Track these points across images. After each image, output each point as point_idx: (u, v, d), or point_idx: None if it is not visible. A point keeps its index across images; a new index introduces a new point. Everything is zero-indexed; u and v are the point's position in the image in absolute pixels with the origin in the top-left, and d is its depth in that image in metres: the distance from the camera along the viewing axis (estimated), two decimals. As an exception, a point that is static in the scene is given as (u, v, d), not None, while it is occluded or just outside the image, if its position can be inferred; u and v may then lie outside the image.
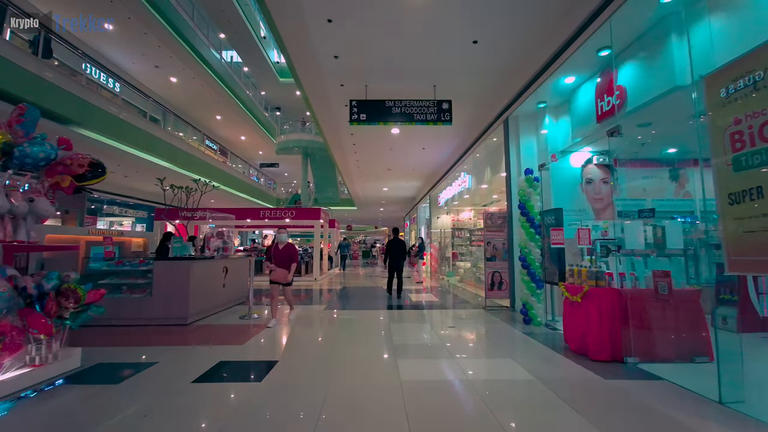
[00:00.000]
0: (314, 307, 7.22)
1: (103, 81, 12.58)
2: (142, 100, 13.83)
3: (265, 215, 12.08)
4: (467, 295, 8.97)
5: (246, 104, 20.77)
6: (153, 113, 14.98)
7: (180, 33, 13.84)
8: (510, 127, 7.05)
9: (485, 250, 7.05)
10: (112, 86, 12.79)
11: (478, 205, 13.62)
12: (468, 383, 3.21)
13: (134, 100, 14.07)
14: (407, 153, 11.39)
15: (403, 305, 7.48)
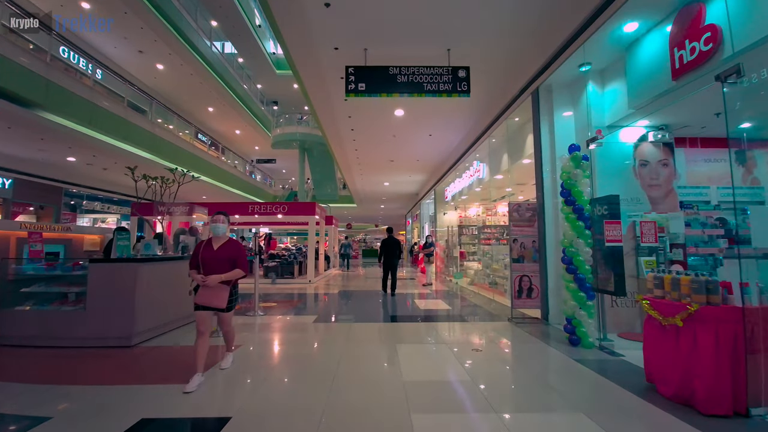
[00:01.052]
0: (301, 319, 5.86)
1: (83, 67, 11.20)
2: (124, 86, 12.46)
3: (255, 211, 10.72)
4: (481, 302, 7.61)
5: (240, 96, 19.42)
6: (138, 102, 13.60)
7: (164, 14, 12.46)
8: (541, 100, 5.69)
9: (511, 249, 5.69)
10: (88, 70, 11.41)
11: (489, 200, 12.26)
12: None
13: (116, 87, 12.69)
14: (412, 141, 10.02)
15: (410, 315, 6.13)
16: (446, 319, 5.94)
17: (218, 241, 3.30)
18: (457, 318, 5.99)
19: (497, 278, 8.70)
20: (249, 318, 5.80)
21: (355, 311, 6.53)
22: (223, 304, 3.19)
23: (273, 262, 10.79)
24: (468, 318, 5.96)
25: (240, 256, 3.31)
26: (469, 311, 6.58)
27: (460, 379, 3.23)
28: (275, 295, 8.43)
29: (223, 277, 3.15)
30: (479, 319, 5.84)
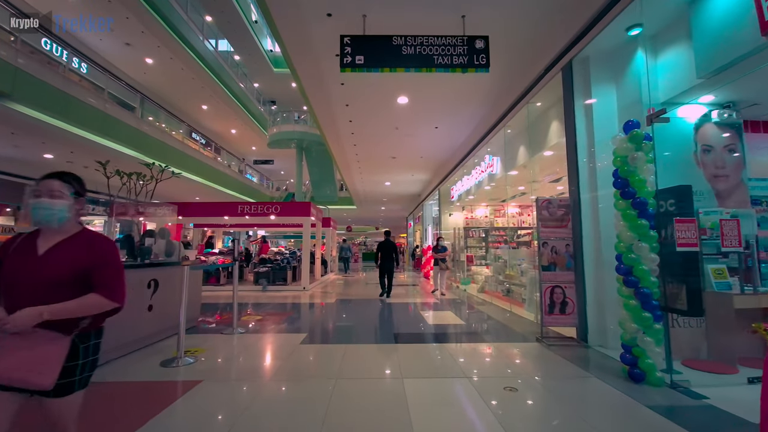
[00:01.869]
0: (288, 339, 4.81)
1: (56, 54, 10.25)
2: (108, 79, 11.49)
3: (245, 211, 9.70)
4: (497, 313, 6.57)
5: (235, 93, 18.48)
6: (124, 97, 12.63)
7: (151, 4, 11.55)
8: (575, 75, 4.68)
9: (540, 254, 4.65)
10: (64, 58, 10.45)
11: (500, 199, 11.24)
12: None
13: (102, 82, 11.75)
14: (416, 134, 9.02)
15: (416, 333, 5.08)
16: (461, 338, 4.89)
17: (50, 235, 1.56)
18: (473, 336, 4.94)
19: (513, 286, 7.66)
20: (224, 337, 4.76)
21: (351, 326, 5.48)
22: (48, 378, 1.37)
23: (264, 267, 9.76)
24: (487, 337, 4.91)
25: (103, 265, 1.57)
26: (487, 327, 5.53)
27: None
28: (263, 306, 7.39)
29: (50, 312, 1.40)
30: (502, 339, 4.79)
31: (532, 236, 11.10)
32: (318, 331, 5.33)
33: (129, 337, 4.02)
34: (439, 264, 9.04)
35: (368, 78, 6.13)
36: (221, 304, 7.57)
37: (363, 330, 5.29)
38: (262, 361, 3.86)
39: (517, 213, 12.94)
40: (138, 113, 13.04)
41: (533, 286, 6.54)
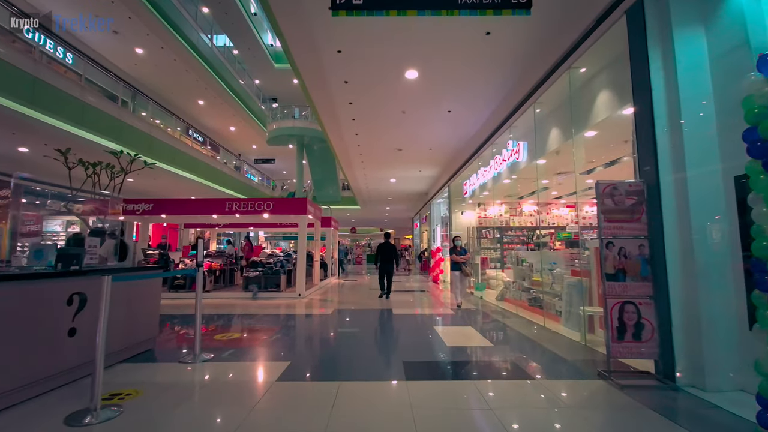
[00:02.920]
0: (265, 371, 3.58)
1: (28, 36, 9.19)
2: (89, 67, 10.42)
3: (234, 208, 8.53)
4: (527, 329, 5.28)
5: (233, 89, 17.40)
6: (109, 87, 11.57)
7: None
8: (648, 18, 3.42)
9: (603, 258, 3.37)
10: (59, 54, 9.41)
11: (517, 196, 9.95)
12: None
13: (89, 74, 10.73)
14: (425, 121, 7.79)
15: (433, 362, 3.82)
16: (493, 370, 3.63)
17: None
18: (510, 369, 3.67)
19: (543, 295, 6.38)
20: (179, 369, 3.55)
21: (349, 351, 4.24)
22: None
23: (255, 271, 8.57)
24: (528, 368, 3.64)
25: None
26: (523, 352, 4.26)
27: None
28: (247, 318, 6.18)
29: None
30: (550, 372, 3.52)
31: (556, 235, 9.81)
32: (306, 357, 4.09)
33: (33, 374, 2.82)
34: (461, 269, 7.35)
35: (370, 42, 4.92)
36: (203, 316, 6.37)
37: (363, 355, 4.04)
38: (217, 412, 2.63)
39: (534, 211, 11.65)
40: (126, 105, 11.99)
41: (573, 297, 5.27)
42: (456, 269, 7.32)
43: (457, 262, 7.27)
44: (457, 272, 7.32)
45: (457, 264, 7.30)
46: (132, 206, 8.64)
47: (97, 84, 11.17)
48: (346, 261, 27.22)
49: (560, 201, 11.48)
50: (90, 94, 9.35)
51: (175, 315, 6.39)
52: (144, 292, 4.23)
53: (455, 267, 7.31)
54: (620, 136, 5.36)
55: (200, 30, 14.47)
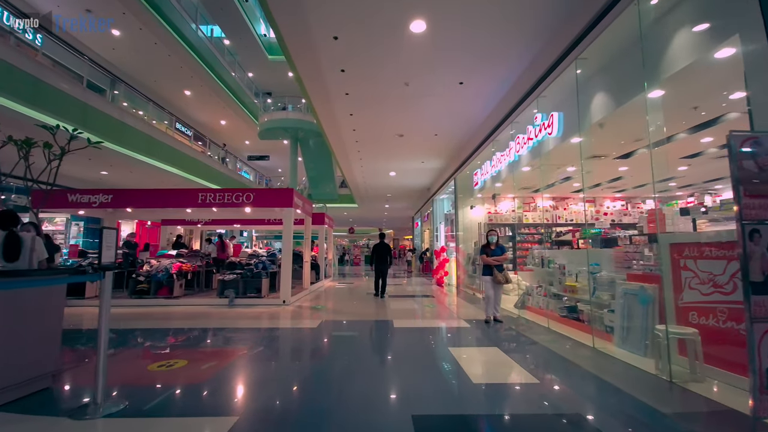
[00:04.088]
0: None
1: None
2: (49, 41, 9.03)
3: (208, 200, 7.14)
4: (572, 352, 3.90)
5: (223, 79, 16.03)
6: (77, 69, 10.16)
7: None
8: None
9: (748, 256, 2.01)
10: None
11: (539, 187, 8.57)
12: None
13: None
14: (432, 95, 6.43)
15: (464, 421, 2.43)
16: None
17: None
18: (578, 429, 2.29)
19: (582, 304, 5.02)
20: (63, 428, 2.16)
21: (331, 394, 2.84)
22: None
23: (231, 274, 7.17)
24: (609, 430, 2.26)
25: None
26: (587, 394, 2.87)
27: None
28: (203, 337, 4.78)
29: None
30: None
31: (582, 232, 8.44)
32: (265, 406, 2.68)
33: None
34: (494, 275, 5.38)
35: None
36: (154, 331, 4.97)
37: (352, 402, 2.65)
38: None
39: (550, 206, 10.31)
40: (103, 92, 10.62)
41: (634, 310, 3.90)
42: (488, 273, 5.47)
43: (489, 265, 5.44)
44: (488, 277, 5.44)
45: (488, 267, 5.46)
46: (87, 197, 7.24)
47: (64, 65, 9.79)
48: (344, 260, 25.87)
49: (579, 195, 10.14)
50: (49, 72, 7.94)
51: (131, 329, 4.98)
52: (35, 308, 2.84)
53: (487, 271, 5.49)
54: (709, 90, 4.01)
55: (184, 12, 13.10)
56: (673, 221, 5.31)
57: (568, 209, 10.12)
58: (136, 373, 3.26)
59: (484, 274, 5.53)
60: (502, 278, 5.39)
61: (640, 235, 6.06)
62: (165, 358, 3.64)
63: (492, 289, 5.44)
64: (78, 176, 11.73)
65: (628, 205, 10.17)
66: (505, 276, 5.44)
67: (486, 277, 5.48)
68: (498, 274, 5.37)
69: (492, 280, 5.41)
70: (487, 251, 5.50)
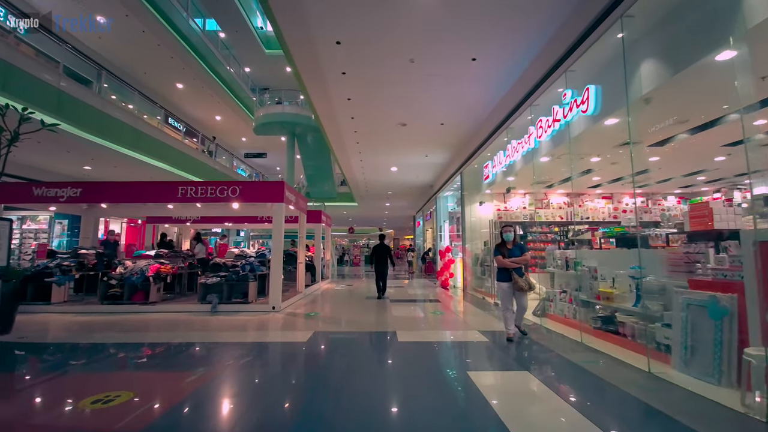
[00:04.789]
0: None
1: None
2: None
3: (189, 194, 6.30)
4: (624, 378, 3.03)
5: (218, 73, 15.22)
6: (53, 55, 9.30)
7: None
8: None
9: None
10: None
11: (563, 179, 7.73)
12: None
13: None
14: (440, 75, 5.60)
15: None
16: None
17: None
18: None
19: (623, 315, 4.18)
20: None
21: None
22: None
23: (215, 277, 6.32)
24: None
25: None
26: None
27: None
28: (169, 355, 3.94)
29: None
30: None
31: (608, 231, 7.59)
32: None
33: None
34: (514, 280, 4.32)
35: None
36: (112, 346, 4.12)
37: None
38: None
39: (564, 203, 9.47)
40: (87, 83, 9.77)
41: (702, 326, 3.06)
42: (504, 279, 4.39)
43: (507, 268, 4.36)
44: (506, 284, 4.37)
45: (505, 271, 4.38)
46: (54, 191, 6.41)
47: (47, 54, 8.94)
48: (343, 261, 24.98)
49: (596, 191, 9.30)
50: (15, 53, 7.10)
51: (87, 344, 4.14)
52: None
53: (503, 275, 4.41)
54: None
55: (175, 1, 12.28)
56: (721, 217, 4.49)
57: (583, 206, 9.28)
58: (57, 412, 2.42)
59: (501, 280, 4.45)
60: (524, 284, 4.30)
61: (680, 233, 5.23)
62: (107, 387, 2.79)
63: (510, 297, 4.41)
64: (57, 171, 10.89)
65: (649, 202, 9.33)
66: (528, 281, 4.35)
67: (503, 284, 4.40)
68: (518, 279, 4.31)
69: (510, 287, 4.36)
70: (503, 251, 4.45)
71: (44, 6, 10.20)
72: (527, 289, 4.29)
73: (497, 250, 4.52)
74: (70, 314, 5.92)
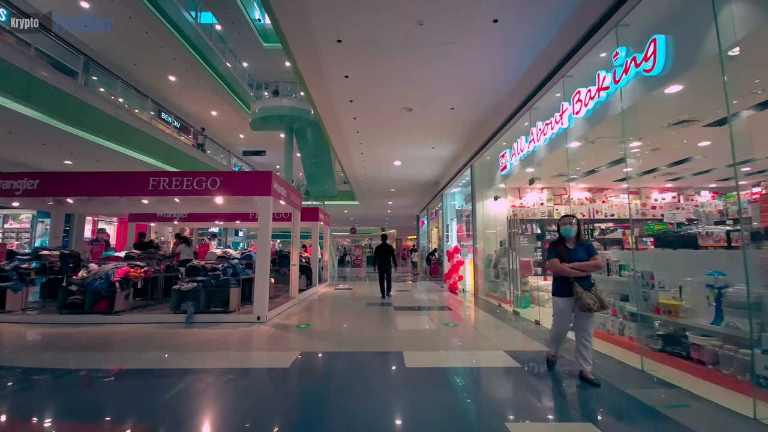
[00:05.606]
0: None
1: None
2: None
3: (162, 186, 5.37)
4: (714, 426, 2.08)
5: (213, 65, 14.37)
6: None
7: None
8: None
9: None
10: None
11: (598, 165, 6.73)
12: None
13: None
14: (454, 45, 4.63)
15: None
16: None
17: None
18: None
19: (698, 337, 3.19)
20: None
21: None
22: None
23: (191, 282, 5.38)
24: None
25: None
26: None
27: None
28: (105, 391, 2.98)
29: None
30: None
31: (646, 228, 6.57)
32: None
33: None
34: (578, 294, 2.90)
35: None
36: (41, 373, 3.18)
37: None
38: None
39: (586, 199, 8.47)
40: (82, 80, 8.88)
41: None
42: (562, 292, 3.02)
43: (568, 276, 2.98)
44: (564, 299, 3.02)
45: (564, 281, 3.02)
46: (10, 183, 5.50)
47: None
48: (345, 261, 24.01)
49: (622, 185, 8.28)
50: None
51: (15, 368, 3.21)
52: None
53: (561, 287, 3.03)
54: None
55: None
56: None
57: (607, 202, 8.28)
58: None
59: (557, 294, 3.05)
60: (593, 301, 2.84)
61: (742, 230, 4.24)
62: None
63: (567, 319, 3.02)
64: (35, 166, 10.00)
65: (680, 197, 8.31)
66: (598, 297, 2.90)
67: (560, 300, 3.02)
68: (584, 294, 2.87)
69: (571, 305, 2.97)
70: (562, 252, 3.06)
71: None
72: (597, 309, 2.86)
73: (552, 250, 3.14)
74: (21, 325, 5.00)
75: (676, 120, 4.38)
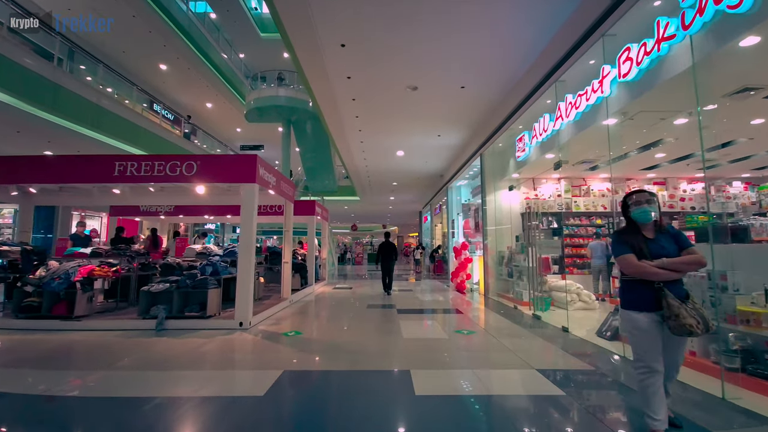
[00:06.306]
0: None
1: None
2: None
3: (129, 171, 4.60)
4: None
5: (206, 54, 13.57)
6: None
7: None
8: None
9: None
10: None
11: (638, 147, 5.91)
12: None
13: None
14: (467, 8, 3.82)
15: None
16: None
17: None
18: None
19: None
20: None
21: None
22: None
23: (164, 282, 4.62)
24: None
25: None
26: None
27: None
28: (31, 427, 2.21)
29: None
30: None
31: (686, 220, 5.76)
32: None
33: None
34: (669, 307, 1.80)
35: None
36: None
37: None
38: None
39: (608, 189, 7.66)
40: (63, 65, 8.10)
41: None
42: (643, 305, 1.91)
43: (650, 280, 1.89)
44: (644, 315, 1.90)
45: (644, 287, 1.91)
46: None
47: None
48: (345, 259, 23.21)
49: (647, 174, 7.47)
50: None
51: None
52: None
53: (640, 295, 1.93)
54: None
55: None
56: None
57: (631, 190, 7.46)
58: None
59: (631, 306, 1.97)
60: (695, 320, 1.79)
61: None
62: None
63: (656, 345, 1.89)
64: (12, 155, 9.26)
65: (711, 188, 7.47)
66: (700, 313, 1.82)
67: (639, 316, 1.92)
68: (682, 309, 1.80)
69: (657, 325, 1.89)
70: (638, 243, 1.99)
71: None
72: (701, 331, 1.79)
73: (622, 242, 2.03)
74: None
75: (741, 87, 3.56)
